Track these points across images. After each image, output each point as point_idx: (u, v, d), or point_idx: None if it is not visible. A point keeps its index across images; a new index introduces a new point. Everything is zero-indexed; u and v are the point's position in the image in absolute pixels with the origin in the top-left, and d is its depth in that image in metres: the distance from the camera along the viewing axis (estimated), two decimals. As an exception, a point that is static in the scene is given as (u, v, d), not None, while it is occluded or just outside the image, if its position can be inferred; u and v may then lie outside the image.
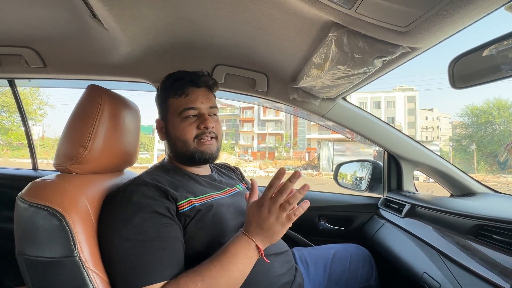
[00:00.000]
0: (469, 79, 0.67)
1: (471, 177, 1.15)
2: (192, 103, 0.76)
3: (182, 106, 0.75)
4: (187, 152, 0.76)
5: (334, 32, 0.64)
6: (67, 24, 0.89)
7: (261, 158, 29.84)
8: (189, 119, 0.75)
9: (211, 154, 0.77)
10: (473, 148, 21.77)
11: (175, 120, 0.76)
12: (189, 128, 0.75)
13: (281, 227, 0.58)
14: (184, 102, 0.76)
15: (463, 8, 0.46)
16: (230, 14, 0.76)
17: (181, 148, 0.76)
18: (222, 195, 0.78)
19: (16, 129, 16.91)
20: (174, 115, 0.76)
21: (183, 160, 0.79)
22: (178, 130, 0.76)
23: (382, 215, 1.20)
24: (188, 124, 0.75)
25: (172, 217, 0.62)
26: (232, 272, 0.57)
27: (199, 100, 0.76)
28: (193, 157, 0.76)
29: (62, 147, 0.66)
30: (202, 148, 0.76)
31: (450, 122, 30.79)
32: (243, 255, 0.58)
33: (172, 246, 0.59)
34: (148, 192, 0.63)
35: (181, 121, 0.75)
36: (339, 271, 0.92)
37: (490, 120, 21.82)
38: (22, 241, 0.55)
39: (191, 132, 0.75)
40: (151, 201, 0.61)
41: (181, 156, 0.78)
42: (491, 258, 0.63)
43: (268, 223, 0.58)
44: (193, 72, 0.79)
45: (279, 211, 0.57)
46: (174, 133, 0.77)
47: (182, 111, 0.75)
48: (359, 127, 1.16)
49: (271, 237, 0.59)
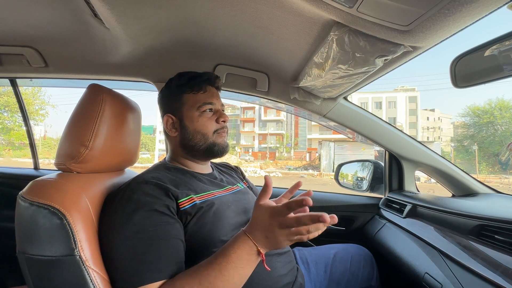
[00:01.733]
0: (471, 78, 0.67)
1: (473, 177, 1.15)
2: (210, 98, 0.80)
3: (202, 100, 0.79)
4: (205, 144, 0.78)
5: (335, 31, 0.64)
6: (69, 24, 0.90)
7: (262, 158, 29.84)
8: (207, 114, 0.79)
9: (226, 146, 0.82)
10: (474, 149, 21.69)
11: (193, 113, 0.78)
12: (209, 121, 0.79)
13: (289, 242, 0.54)
14: (203, 97, 0.79)
15: (465, 7, 0.46)
16: (231, 14, 0.76)
17: (199, 141, 0.78)
18: (223, 193, 0.78)
19: (18, 129, 16.98)
20: (192, 109, 0.78)
21: (195, 153, 0.80)
22: (198, 124, 0.78)
23: (383, 215, 1.20)
24: (207, 118, 0.79)
25: (172, 216, 0.62)
26: (232, 277, 0.54)
27: (215, 97, 0.81)
28: (211, 150, 0.79)
29: (63, 146, 0.66)
30: (219, 140, 0.80)
31: (452, 122, 30.71)
32: (244, 260, 0.55)
33: (172, 244, 0.59)
34: (149, 190, 0.63)
35: (200, 115, 0.78)
36: (340, 271, 0.92)
37: (492, 120, 21.74)
38: (23, 239, 0.55)
39: (211, 125, 0.79)
40: (151, 199, 0.61)
41: (196, 148, 0.78)
42: (493, 258, 0.63)
43: (276, 237, 0.53)
44: (208, 73, 0.84)
45: (293, 233, 0.52)
46: (193, 126, 0.78)
47: (201, 105, 0.78)
48: (360, 127, 1.16)
49: (275, 247, 0.55)
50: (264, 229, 0.54)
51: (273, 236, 0.53)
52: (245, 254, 0.54)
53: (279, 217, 0.52)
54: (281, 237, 0.53)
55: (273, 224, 0.53)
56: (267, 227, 0.54)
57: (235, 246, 0.55)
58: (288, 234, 0.52)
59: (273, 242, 0.54)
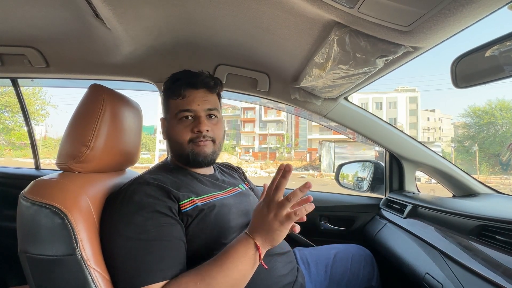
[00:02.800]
0: (471, 78, 0.67)
1: (473, 177, 1.14)
2: (188, 105, 0.74)
3: (178, 107, 0.74)
4: (183, 154, 0.76)
5: (336, 32, 0.64)
6: (70, 24, 0.90)
7: (262, 158, 29.83)
8: (184, 121, 0.74)
9: (205, 157, 0.75)
10: (475, 149, 21.66)
11: (173, 121, 0.76)
12: (184, 130, 0.74)
13: (279, 225, 0.55)
14: (180, 103, 0.74)
15: (466, 7, 0.46)
16: (232, 14, 0.76)
17: (177, 150, 0.77)
18: (224, 195, 0.78)
19: (18, 129, 17.00)
20: (172, 116, 0.76)
21: (181, 160, 0.79)
22: (174, 132, 0.75)
23: (384, 216, 1.20)
24: (183, 127, 0.74)
25: (174, 217, 0.62)
26: (232, 271, 0.55)
27: (195, 102, 0.74)
28: (188, 159, 0.75)
29: (64, 146, 0.66)
30: (196, 150, 0.74)
31: (452, 123, 30.66)
32: (242, 253, 0.56)
33: (174, 245, 0.59)
34: (150, 191, 0.63)
35: (177, 123, 0.75)
36: (340, 271, 0.92)
37: (492, 121, 21.70)
38: (24, 239, 0.55)
39: (185, 134, 0.74)
40: (153, 200, 0.61)
41: (179, 156, 0.78)
42: (493, 258, 0.63)
43: (267, 220, 0.56)
44: (193, 73, 0.78)
45: (277, 208, 0.55)
46: (172, 134, 0.76)
47: (178, 113, 0.74)
48: (360, 127, 1.16)
49: (271, 236, 0.56)
50: (257, 219, 0.58)
51: (265, 220, 0.56)
52: (243, 248, 0.57)
53: (264, 198, 0.58)
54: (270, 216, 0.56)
55: (263, 209, 0.57)
56: (259, 216, 0.58)
57: (235, 244, 0.58)
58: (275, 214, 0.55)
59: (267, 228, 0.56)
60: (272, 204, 0.56)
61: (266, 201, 0.58)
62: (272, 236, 0.57)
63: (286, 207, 0.55)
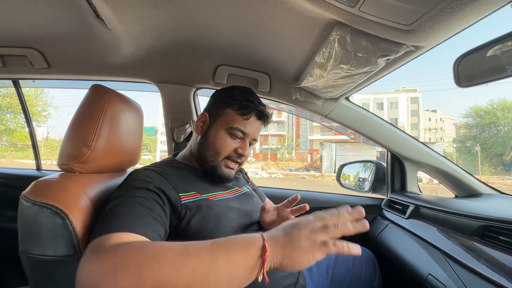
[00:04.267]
0: (473, 77, 0.67)
1: (476, 178, 1.14)
2: (247, 128, 0.75)
3: (237, 124, 0.75)
4: (211, 163, 0.76)
5: (337, 31, 0.64)
6: (71, 25, 0.90)
7: (263, 159, 29.83)
8: (234, 137, 0.75)
9: (228, 178, 0.77)
10: (477, 150, 21.58)
11: (221, 129, 0.75)
12: (228, 145, 0.75)
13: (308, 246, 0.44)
14: (241, 122, 0.75)
15: (468, 6, 0.46)
16: (232, 14, 0.76)
17: (209, 156, 0.76)
18: (228, 195, 0.77)
19: (20, 130, 17.08)
20: (224, 124, 0.75)
21: (202, 164, 0.78)
22: (218, 140, 0.75)
23: (386, 216, 1.19)
24: (230, 142, 0.75)
25: (166, 203, 0.61)
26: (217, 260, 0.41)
27: (252, 131, 0.77)
28: (213, 171, 0.76)
29: (65, 146, 0.66)
30: (224, 169, 0.76)
31: (454, 123, 30.58)
32: (242, 247, 0.43)
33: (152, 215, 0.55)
34: (153, 175, 0.63)
35: (226, 134, 0.75)
36: (342, 272, 0.91)
37: (494, 121, 21.62)
38: (25, 239, 0.55)
39: (227, 149, 0.75)
40: (153, 180, 0.62)
41: (204, 160, 0.77)
42: (497, 259, 0.62)
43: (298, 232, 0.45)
44: (263, 104, 0.79)
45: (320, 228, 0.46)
46: (214, 140, 0.76)
47: (233, 128, 0.74)
48: (362, 127, 1.15)
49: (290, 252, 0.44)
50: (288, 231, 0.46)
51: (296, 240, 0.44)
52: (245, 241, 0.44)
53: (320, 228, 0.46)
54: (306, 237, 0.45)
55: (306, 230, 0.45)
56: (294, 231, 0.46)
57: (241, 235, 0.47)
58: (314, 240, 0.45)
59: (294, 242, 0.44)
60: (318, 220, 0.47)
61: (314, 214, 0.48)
62: (290, 253, 0.44)
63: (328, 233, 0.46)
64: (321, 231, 0.45)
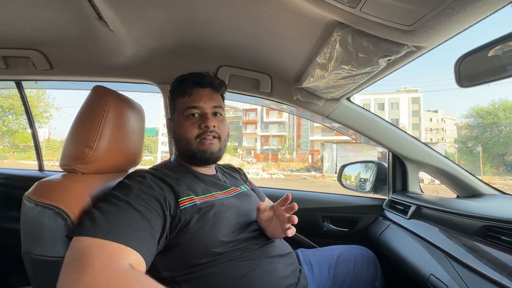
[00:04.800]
0: (475, 78, 0.67)
1: (478, 178, 1.14)
2: (195, 102, 0.77)
3: (185, 105, 0.77)
4: (189, 150, 0.77)
5: (338, 32, 0.64)
6: (74, 27, 0.91)
7: (264, 160, 29.83)
8: (191, 119, 0.76)
9: (211, 154, 0.77)
10: (478, 150, 21.50)
11: (180, 119, 0.78)
12: (191, 127, 0.76)
13: None
14: (187, 101, 0.77)
15: (469, 6, 0.46)
16: (234, 15, 0.76)
17: (184, 147, 0.78)
18: (225, 195, 0.78)
19: (22, 131, 17.13)
20: (179, 114, 0.78)
21: (187, 158, 0.80)
22: (182, 129, 0.77)
23: (387, 217, 1.19)
24: (191, 124, 0.76)
25: (165, 211, 0.61)
26: None
27: (202, 100, 0.77)
28: (195, 156, 0.76)
29: (68, 147, 0.67)
30: (203, 147, 0.76)
31: (455, 123, 30.48)
32: None
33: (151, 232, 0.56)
34: (153, 179, 0.64)
35: (184, 120, 0.77)
36: (343, 272, 0.91)
37: (496, 121, 21.53)
38: (28, 240, 0.56)
39: (193, 131, 0.76)
40: (153, 184, 0.63)
41: (185, 154, 0.79)
42: (499, 259, 0.62)
43: None
44: (199, 73, 0.81)
45: None
46: (179, 132, 0.78)
47: (185, 110, 0.77)
48: (363, 128, 1.15)
49: None
50: None
51: None
52: None
53: None
54: None
55: None
56: None
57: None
58: None
59: None
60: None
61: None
62: None
63: None
64: None
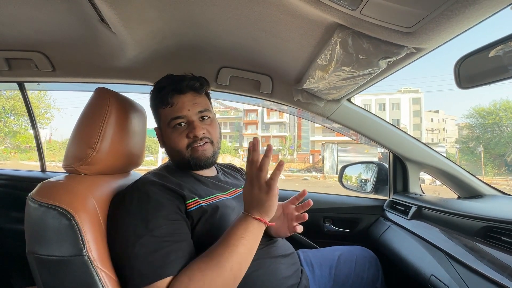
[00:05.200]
0: (475, 79, 0.67)
1: (479, 178, 1.14)
2: (178, 111, 0.74)
3: (169, 116, 0.74)
4: (183, 160, 0.76)
5: (338, 34, 0.65)
6: (76, 29, 0.91)
7: (265, 160, 29.71)
8: (178, 129, 0.75)
9: (206, 160, 0.76)
10: (480, 150, 21.43)
11: (167, 130, 0.76)
12: (179, 137, 0.74)
13: (265, 195, 0.60)
14: (170, 112, 0.74)
15: (469, 8, 0.46)
16: (235, 17, 0.76)
17: (176, 157, 0.77)
18: (227, 196, 0.78)
19: (24, 132, 17.20)
20: (165, 125, 0.76)
21: (183, 167, 0.79)
22: (171, 141, 0.75)
23: (388, 217, 1.19)
24: (178, 134, 0.74)
25: (182, 214, 0.63)
26: (237, 247, 0.57)
27: (185, 108, 0.74)
28: (189, 164, 0.76)
29: (71, 148, 0.67)
30: (196, 155, 0.75)
31: (456, 124, 30.40)
32: (243, 229, 0.60)
33: (184, 242, 0.60)
34: (157, 190, 0.64)
35: (172, 131, 0.75)
36: (344, 273, 0.91)
37: (497, 121, 21.46)
38: (32, 240, 0.56)
39: (182, 141, 0.74)
40: (161, 198, 0.63)
41: (180, 163, 0.79)
42: (500, 260, 0.62)
43: (255, 195, 0.61)
44: (176, 78, 0.77)
45: (257, 180, 0.60)
46: (169, 143, 0.77)
47: (170, 121, 0.74)
48: (364, 129, 1.15)
49: (264, 208, 0.61)
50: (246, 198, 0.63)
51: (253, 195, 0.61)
52: (243, 224, 0.60)
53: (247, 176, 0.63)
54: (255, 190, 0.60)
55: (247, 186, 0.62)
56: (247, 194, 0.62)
57: (234, 222, 0.62)
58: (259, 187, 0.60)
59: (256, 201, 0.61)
60: (253, 179, 0.61)
61: (248, 180, 0.62)
62: (264, 208, 0.61)
63: (263, 177, 0.60)
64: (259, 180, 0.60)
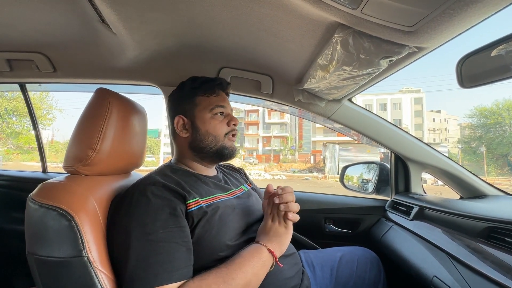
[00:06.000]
0: (477, 78, 0.66)
1: (481, 179, 1.13)
2: (222, 102, 0.82)
3: (214, 103, 0.80)
4: (216, 146, 0.79)
5: (339, 33, 0.64)
6: (77, 30, 0.92)
7: (266, 161, 29.82)
8: (219, 117, 0.81)
9: (235, 150, 0.84)
10: (482, 150, 21.33)
11: (205, 115, 0.79)
12: (220, 124, 0.80)
13: (284, 229, 0.70)
14: (215, 100, 0.81)
15: (470, 7, 0.46)
16: (235, 17, 0.76)
17: (210, 143, 0.79)
18: (228, 197, 0.78)
19: (26, 133, 17.29)
20: (204, 111, 0.80)
21: (204, 155, 0.80)
22: (210, 126, 0.79)
23: (390, 218, 1.18)
24: (219, 121, 0.80)
25: (182, 217, 0.63)
26: (248, 274, 0.60)
27: (225, 102, 0.84)
28: (221, 152, 0.80)
29: (71, 149, 0.67)
30: (229, 144, 0.81)
31: (459, 123, 30.28)
32: (257, 259, 0.63)
33: (183, 247, 0.60)
34: (158, 191, 0.63)
35: (212, 117, 0.80)
36: (346, 274, 0.91)
37: (500, 121, 21.36)
38: (32, 241, 0.56)
39: (222, 128, 0.80)
40: (161, 200, 0.62)
41: (206, 150, 0.79)
42: (503, 261, 0.62)
43: (274, 227, 0.70)
44: (218, 77, 0.89)
45: (279, 216, 0.70)
46: (205, 128, 0.79)
47: (214, 108, 0.80)
48: (365, 129, 1.15)
49: (279, 239, 0.69)
50: (263, 231, 0.71)
51: (271, 229, 0.70)
52: (257, 253, 0.64)
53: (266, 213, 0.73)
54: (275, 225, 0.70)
55: (267, 221, 0.71)
56: (265, 227, 0.71)
57: (249, 250, 0.66)
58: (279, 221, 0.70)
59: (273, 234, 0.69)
60: (275, 214, 0.71)
61: (270, 214, 0.72)
62: (281, 240, 0.69)
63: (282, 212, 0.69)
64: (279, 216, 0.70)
